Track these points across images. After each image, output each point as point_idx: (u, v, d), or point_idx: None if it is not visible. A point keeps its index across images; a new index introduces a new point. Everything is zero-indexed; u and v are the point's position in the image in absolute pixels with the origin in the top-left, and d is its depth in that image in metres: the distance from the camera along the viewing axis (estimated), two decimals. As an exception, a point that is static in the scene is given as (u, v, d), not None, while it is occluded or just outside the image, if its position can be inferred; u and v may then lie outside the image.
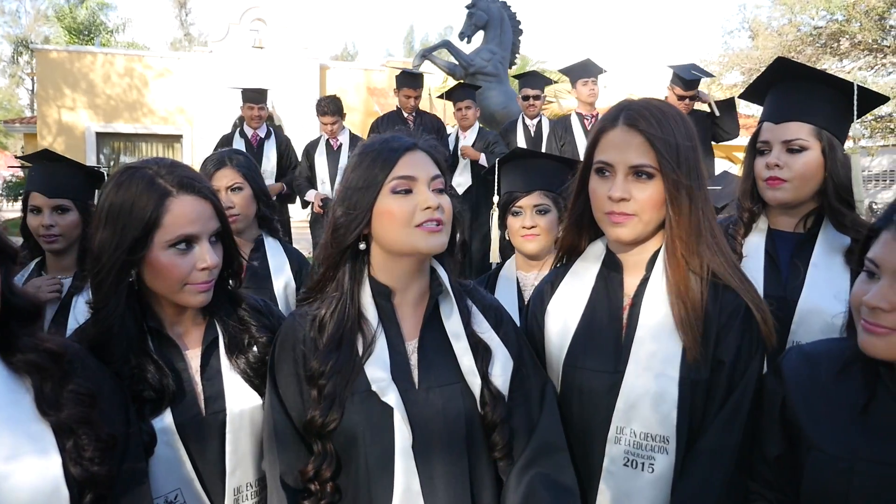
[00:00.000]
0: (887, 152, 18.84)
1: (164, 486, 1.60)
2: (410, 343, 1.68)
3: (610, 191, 1.67)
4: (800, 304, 2.09)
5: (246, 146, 7.04)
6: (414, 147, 1.64)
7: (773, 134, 2.17)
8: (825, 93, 2.15)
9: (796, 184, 2.13)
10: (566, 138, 6.99)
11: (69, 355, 1.42)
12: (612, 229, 1.71)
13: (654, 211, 1.67)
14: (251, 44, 18.12)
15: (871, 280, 1.44)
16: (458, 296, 1.72)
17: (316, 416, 1.56)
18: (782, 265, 2.19)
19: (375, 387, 1.57)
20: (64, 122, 17.92)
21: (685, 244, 1.66)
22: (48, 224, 2.82)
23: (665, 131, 1.65)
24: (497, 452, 1.64)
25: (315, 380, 1.59)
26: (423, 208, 1.58)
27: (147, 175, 1.65)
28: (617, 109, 1.73)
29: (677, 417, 1.62)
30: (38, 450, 1.31)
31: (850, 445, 1.45)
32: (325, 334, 1.62)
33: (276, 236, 3.14)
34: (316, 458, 1.58)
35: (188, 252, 1.64)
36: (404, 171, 1.60)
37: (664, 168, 1.63)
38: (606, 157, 1.70)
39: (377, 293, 1.67)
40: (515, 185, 2.81)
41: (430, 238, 1.59)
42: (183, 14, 40.84)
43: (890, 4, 16.00)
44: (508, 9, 9.90)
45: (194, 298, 1.68)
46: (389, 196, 1.59)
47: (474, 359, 1.64)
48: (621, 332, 1.74)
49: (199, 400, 1.71)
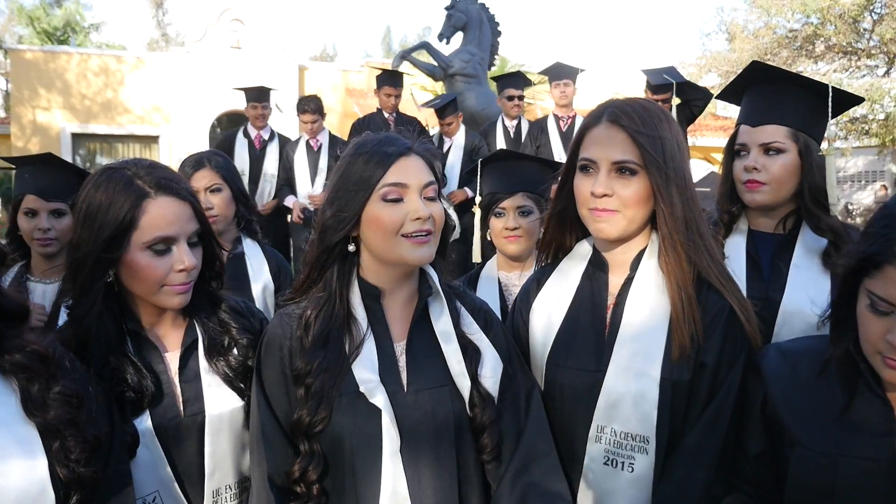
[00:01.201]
0: (862, 153, 19.10)
1: (142, 488, 1.59)
2: (399, 344, 1.67)
3: (593, 187, 1.68)
4: (783, 305, 2.10)
5: (249, 147, 6.98)
6: (409, 151, 1.62)
7: (750, 137, 2.19)
8: (800, 95, 2.17)
9: (774, 186, 2.15)
10: (542, 140, 7.01)
11: (56, 357, 1.41)
12: (595, 225, 1.71)
13: (637, 207, 1.67)
14: (229, 44, 17.97)
15: (880, 316, 1.36)
16: (448, 297, 1.71)
17: (303, 416, 1.55)
18: (764, 266, 2.20)
19: (363, 388, 1.56)
20: (39, 122, 17.67)
21: (684, 236, 1.65)
22: (46, 227, 2.81)
23: (648, 127, 1.65)
24: (486, 455, 1.64)
25: (302, 378, 1.57)
26: (412, 219, 1.57)
27: (125, 176, 1.64)
28: (601, 108, 1.74)
29: (657, 418, 1.62)
30: (24, 451, 1.31)
31: (834, 441, 1.47)
32: (311, 333, 1.61)
33: (256, 238, 3.12)
34: (302, 459, 1.56)
35: (166, 254, 1.63)
36: (396, 178, 1.58)
37: (648, 163, 1.63)
38: (590, 154, 1.70)
39: (366, 294, 1.66)
40: (498, 186, 2.82)
41: (418, 249, 1.59)
42: (160, 14, 40.44)
43: (863, 8, 16.25)
44: (487, 10, 9.91)
45: (172, 300, 1.67)
46: (379, 203, 1.58)
47: (464, 360, 1.63)
48: (604, 332, 1.74)
49: (177, 402, 1.70)
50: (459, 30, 9.68)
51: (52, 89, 17.83)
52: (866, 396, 1.47)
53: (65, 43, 28.79)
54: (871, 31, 17.17)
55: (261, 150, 7.03)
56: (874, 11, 16.69)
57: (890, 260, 1.33)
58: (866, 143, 18.81)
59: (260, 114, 7.02)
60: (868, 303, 1.38)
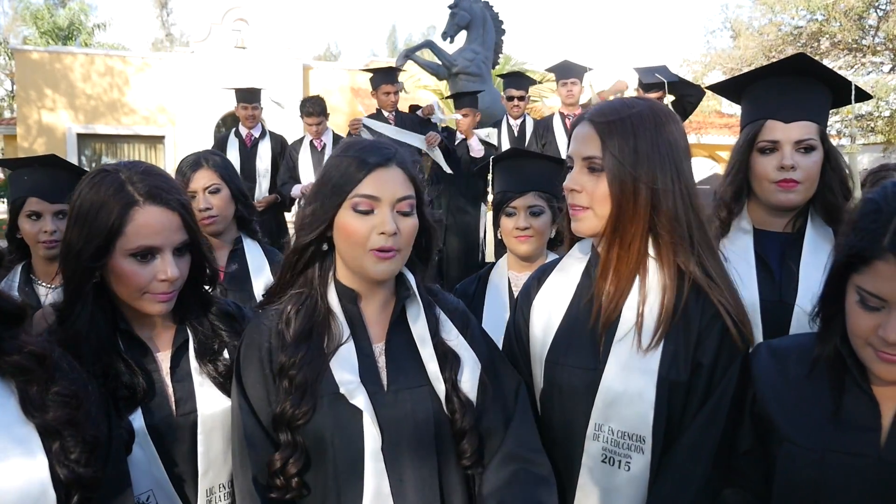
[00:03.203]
0: (867, 150, 19.04)
1: (136, 486, 1.59)
2: (377, 346, 1.67)
3: (567, 182, 1.70)
4: (797, 307, 2.03)
5: (240, 146, 7.05)
6: (389, 162, 1.60)
7: (785, 134, 2.07)
8: (823, 90, 2.12)
9: (808, 185, 2.08)
10: (548, 138, 7.01)
11: (54, 357, 1.41)
12: (571, 223, 1.74)
13: (606, 204, 1.65)
14: (233, 44, 18.00)
15: (869, 311, 1.35)
16: (427, 304, 1.71)
17: (286, 408, 1.55)
18: (774, 267, 2.14)
19: (343, 389, 1.56)
20: (44, 123, 17.73)
21: (673, 237, 1.63)
22: (52, 230, 2.79)
23: (621, 125, 1.63)
24: (466, 460, 1.64)
25: (285, 371, 1.57)
26: (378, 233, 1.55)
27: (118, 180, 1.65)
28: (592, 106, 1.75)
29: (654, 418, 1.61)
30: (24, 452, 1.31)
31: (822, 437, 1.47)
32: (293, 328, 1.61)
33: (255, 237, 3.11)
34: (283, 450, 1.55)
35: (149, 262, 1.64)
36: (368, 190, 1.56)
37: (606, 159, 1.62)
38: (570, 150, 1.73)
39: (343, 296, 1.66)
40: (510, 185, 2.80)
41: (380, 265, 1.58)
42: (164, 14, 40.52)
43: (868, 4, 16.19)
44: (491, 8, 9.90)
45: (153, 307, 1.67)
46: (350, 212, 1.57)
47: (442, 366, 1.64)
48: (604, 330, 1.73)
49: (169, 401, 1.71)
50: (463, 28, 9.67)
51: (57, 90, 17.88)
52: (853, 392, 1.47)
53: (70, 42, 28.85)
54: (876, 27, 17.11)
55: (251, 148, 7.10)
56: (879, 8, 16.63)
57: (879, 255, 1.31)
58: (871, 140, 18.76)
59: (250, 114, 7.11)
60: (857, 298, 1.36)
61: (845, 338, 1.45)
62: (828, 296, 1.47)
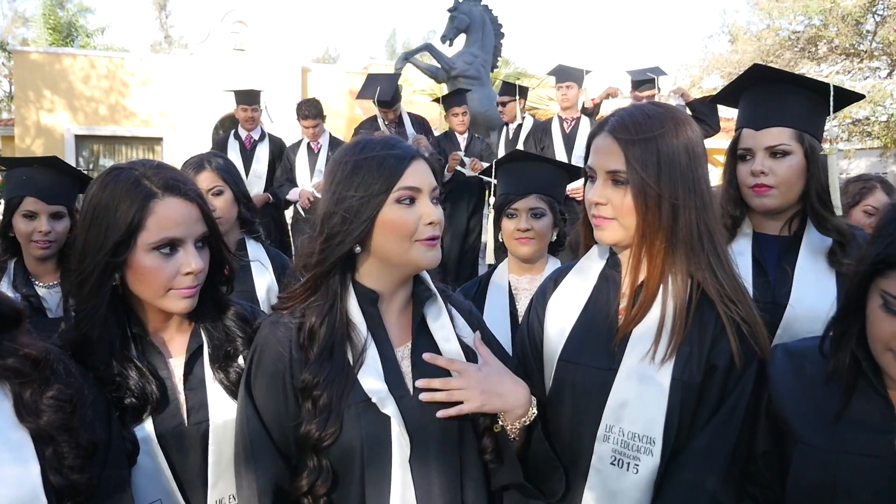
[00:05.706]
0: (864, 155, 19.05)
1: (144, 496, 1.57)
2: (399, 349, 1.65)
3: (590, 194, 1.70)
4: (789, 308, 2.08)
5: (240, 148, 7.07)
6: (417, 156, 1.62)
7: (755, 141, 2.17)
8: (801, 95, 2.16)
9: (782, 189, 2.13)
10: (545, 141, 7.03)
11: (50, 361, 1.39)
12: (595, 232, 1.74)
13: (632, 215, 1.66)
14: (232, 46, 17.96)
15: (893, 315, 1.37)
16: (444, 301, 1.71)
17: (311, 431, 1.51)
18: (769, 269, 2.19)
19: (375, 398, 1.54)
20: (43, 124, 17.68)
21: (686, 247, 1.64)
22: (47, 230, 2.81)
23: (644, 138, 1.63)
24: (488, 455, 1.65)
25: (309, 391, 1.54)
26: (426, 222, 1.57)
27: (133, 176, 1.61)
28: (609, 115, 1.75)
29: (665, 420, 1.61)
30: (16, 458, 1.28)
31: (836, 438, 1.48)
32: (316, 344, 1.57)
33: (258, 239, 3.12)
34: (310, 474, 1.53)
35: (172, 256, 1.60)
36: (411, 182, 1.57)
37: (630, 175, 1.63)
38: (591, 162, 1.73)
39: (363, 299, 1.64)
40: (511, 187, 2.81)
41: (429, 253, 1.59)
42: (163, 16, 40.48)
43: (866, 10, 16.21)
44: (490, 12, 9.93)
45: (178, 304, 1.63)
46: (394, 206, 1.57)
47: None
48: (621, 333, 1.73)
49: (181, 409, 1.67)
50: (462, 32, 9.70)
51: (55, 91, 17.84)
52: (868, 394, 1.48)
53: (70, 45, 28.80)
54: (873, 33, 17.12)
55: (251, 150, 7.10)
56: (877, 13, 16.64)
57: None
58: (868, 144, 18.77)
59: (249, 116, 7.12)
60: (881, 303, 1.38)
61: (860, 341, 1.47)
62: (849, 300, 1.49)
